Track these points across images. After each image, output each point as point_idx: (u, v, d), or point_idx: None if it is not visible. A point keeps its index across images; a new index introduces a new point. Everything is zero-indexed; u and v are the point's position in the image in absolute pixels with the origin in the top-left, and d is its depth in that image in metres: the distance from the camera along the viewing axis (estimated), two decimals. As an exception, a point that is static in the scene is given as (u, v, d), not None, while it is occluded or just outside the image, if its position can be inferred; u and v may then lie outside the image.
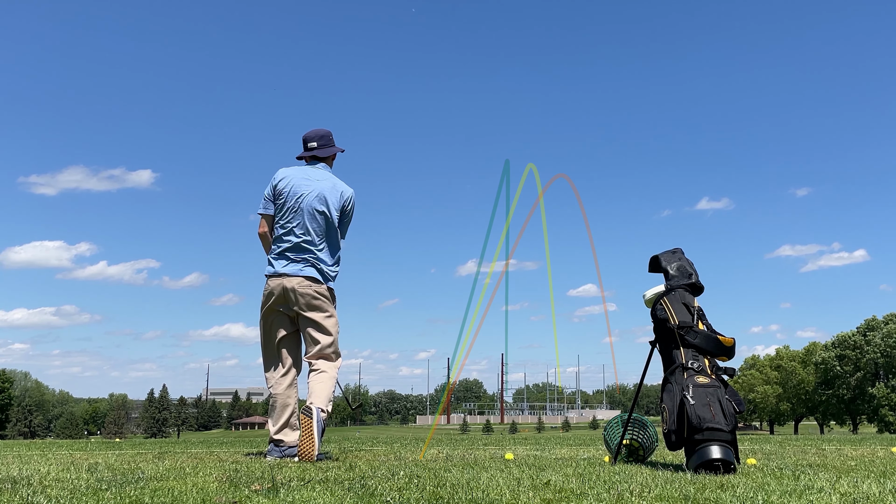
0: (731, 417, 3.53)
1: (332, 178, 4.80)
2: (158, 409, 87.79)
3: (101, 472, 3.65)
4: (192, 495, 2.62)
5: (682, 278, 3.97)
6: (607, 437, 4.47)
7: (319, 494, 2.62)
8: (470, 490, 2.70)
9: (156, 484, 2.98)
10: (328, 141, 4.88)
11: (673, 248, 4.12)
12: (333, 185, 4.76)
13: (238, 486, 2.92)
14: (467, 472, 3.39)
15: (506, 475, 3.25)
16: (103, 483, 3.02)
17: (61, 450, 6.97)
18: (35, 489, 2.80)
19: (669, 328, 3.82)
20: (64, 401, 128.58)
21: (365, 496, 2.59)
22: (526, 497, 2.53)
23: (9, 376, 76.76)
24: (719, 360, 3.80)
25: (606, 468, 3.66)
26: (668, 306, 3.89)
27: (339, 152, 4.95)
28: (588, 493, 2.62)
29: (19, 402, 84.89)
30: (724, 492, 2.64)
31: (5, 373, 75.72)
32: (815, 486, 2.81)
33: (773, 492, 2.64)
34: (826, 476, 3.29)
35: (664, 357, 3.88)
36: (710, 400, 3.55)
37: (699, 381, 3.63)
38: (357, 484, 2.93)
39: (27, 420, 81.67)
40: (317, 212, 4.67)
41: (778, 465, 4.03)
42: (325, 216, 4.68)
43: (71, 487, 2.87)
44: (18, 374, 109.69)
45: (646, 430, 4.35)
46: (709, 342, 3.76)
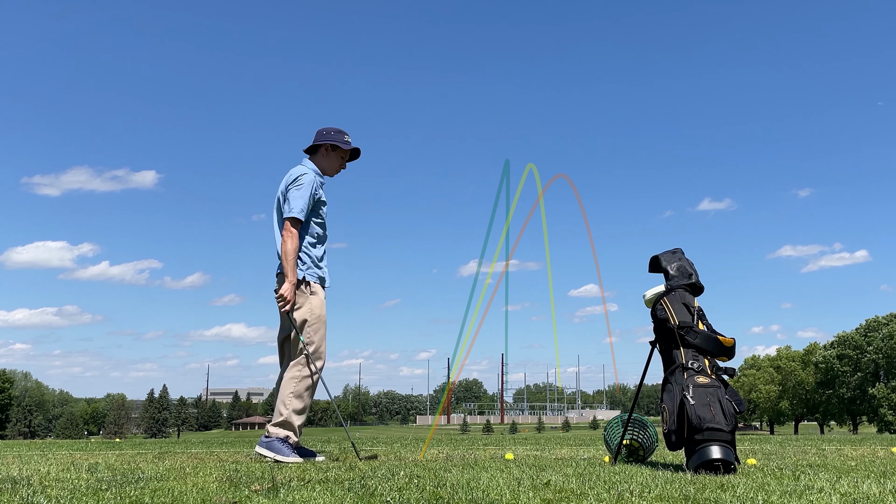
0: (732, 417, 3.53)
1: (293, 168, 4.79)
2: (158, 410, 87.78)
3: (101, 472, 3.65)
4: (192, 495, 2.62)
5: (682, 278, 3.97)
6: (607, 438, 4.47)
7: (319, 494, 2.61)
8: (470, 490, 2.70)
9: (156, 484, 2.97)
10: (317, 136, 4.86)
11: (673, 249, 4.12)
12: (290, 172, 4.77)
13: (238, 486, 2.92)
14: (467, 473, 3.39)
15: (506, 475, 3.24)
16: (103, 483, 3.02)
17: (61, 450, 6.97)
18: (35, 489, 2.80)
19: (669, 328, 3.82)
20: (64, 401, 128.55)
21: (365, 496, 2.59)
22: (526, 497, 2.53)
23: (9, 376, 76.77)
24: (719, 360, 3.80)
25: (606, 468, 3.66)
26: (668, 306, 3.88)
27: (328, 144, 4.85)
28: (588, 493, 2.62)
29: (19, 402, 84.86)
30: (724, 492, 2.63)
31: (6, 373, 75.76)
32: (815, 487, 2.81)
33: (774, 492, 2.64)
34: (826, 476, 3.29)
35: (664, 357, 3.87)
36: (710, 400, 3.55)
37: (699, 381, 3.63)
38: (357, 484, 2.93)
39: (27, 420, 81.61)
40: (275, 206, 4.77)
41: (778, 465, 4.03)
42: (278, 207, 4.74)
43: (71, 487, 2.87)
44: (18, 374, 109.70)
45: (646, 431, 4.35)
46: (709, 342, 3.76)
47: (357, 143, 4.97)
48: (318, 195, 4.75)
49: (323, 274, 4.76)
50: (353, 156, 5.03)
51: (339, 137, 4.87)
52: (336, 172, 4.96)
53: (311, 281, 4.65)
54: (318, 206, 4.76)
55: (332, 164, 4.90)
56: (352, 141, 4.95)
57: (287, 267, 4.54)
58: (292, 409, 4.52)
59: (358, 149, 4.99)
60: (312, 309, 4.62)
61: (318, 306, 4.64)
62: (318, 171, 4.84)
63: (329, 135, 4.86)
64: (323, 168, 4.87)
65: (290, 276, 4.53)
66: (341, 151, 4.91)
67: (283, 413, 4.52)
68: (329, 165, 4.89)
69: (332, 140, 4.84)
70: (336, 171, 4.95)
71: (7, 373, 77.04)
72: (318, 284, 4.70)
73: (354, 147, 4.97)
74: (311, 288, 4.65)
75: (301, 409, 4.54)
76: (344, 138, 4.89)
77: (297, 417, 4.53)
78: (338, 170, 4.95)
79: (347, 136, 4.92)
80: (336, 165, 4.92)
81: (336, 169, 4.94)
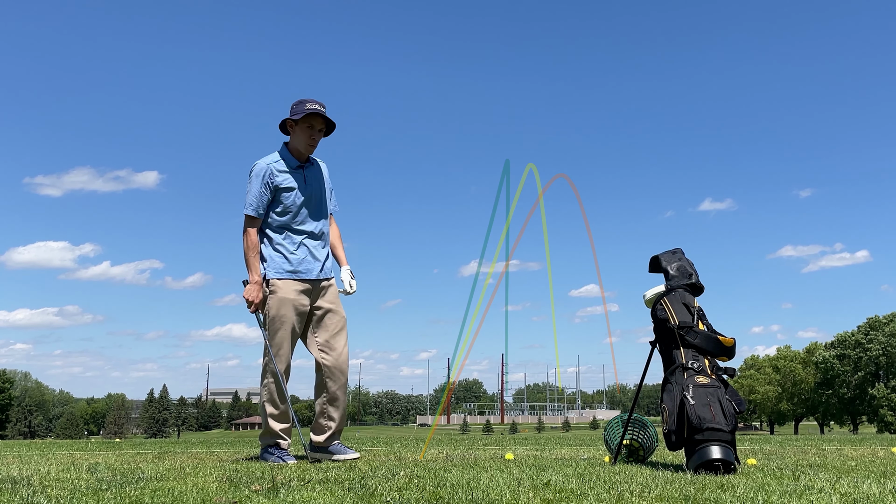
0: (732, 417, 3.53)
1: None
2: (158, 409, 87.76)
3: (101, 472, 3.65)
4: (192, 495, 2.62)
5: (683, 278, 3.97)
6: (607, 438, 4.46)
7: (319, 494, 2.61)
8: (470, 490, 2.69)
9: (156, 484, 2.97)
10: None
11: (673, 249, 4.11)
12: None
13: (238, 486, 2.92)
14: (467, 473, 3.39)
15: (506, 475, 3.24)
16: (103, 483, 3.02)
17: (61, 450, 6.96)
18: (35, 489, 2.80)
19: (669, 328, 3.82)
20: (64, 401, 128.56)
21: (365, 496, 2.59)
22: (526, 497, 2.52)
23: (9, 376, 76.76)
24: (719, 360, 3.80)
25: (606, 468, 3.66)
26: (668, 306, 3.88)
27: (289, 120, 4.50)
28: (588, 493, 2.62)
29: (19, 402, 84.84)
30: (724, 492, 2.63)
31: (6, 373, 75.76)
32: (815, 487, 2.81)
33: (773, 492, 2.64)
34: (826, 476, 3.29)
35: (664, 357, 3.87)
36: (710, 400, 3.55)
37: (699, 381, 3.62)
38: (357, 484, 2.93)
39: (27, 420, 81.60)
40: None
41: (778, 465, 4.03)
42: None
43: (71, 487, 2.87)
44: (19, 375, 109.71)
45: (646, 431, 4.35)
46: (709, 342, 3.76)
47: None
48: (276, 182, 4.42)
49: (295, 266, 4.46)
50: (329, 127, 4.57)
51: (298, 108, 4.45)
52: (309, 146, 4.53)
53: (271, 279, 4.43)
54: (278, 193, 4.44)
55: (300, 139, 4.50)
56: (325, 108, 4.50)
57: (247, 267, 4.44)
58: (269, 416, 4.46)
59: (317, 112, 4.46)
60: (269, 308, 4.42)
61: (275, 306, 4.40)
62: (287, 152, 4.52)
63: (290, 110, 4.50)
64: (296, 147, 4.51)
65: (250, 276, 4.43)
66: (303, 122, 4.46)
67: (265, 422, 4.49)
68: (298, 142, 4.50)
69: (290, 115, 4.48)
70: (308, 145, 4.52)
71: (7, 373, 76.99)
72: (284, 280, 4.43)
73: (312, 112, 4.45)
74: (272, 286, 4.43)
75: (276, 413, 4.46)
76: (302, 108, 4.44)
77: (276, 423, 4.46)
78: (309, 143, 4.51)
79: (309, 104, 4.46)
80: (304, 139, 4.49)
81: (306, 143, 4.50)
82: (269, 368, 4.43)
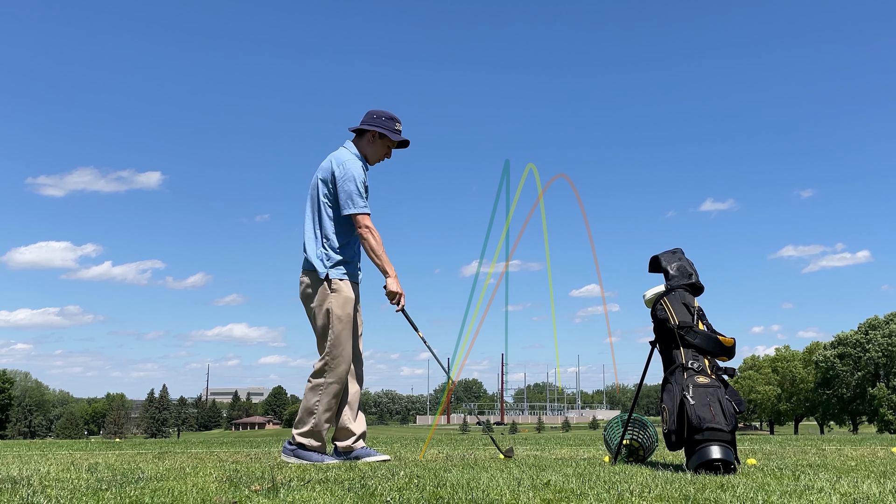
0: (732, 417, 3.53)
1: (337, 152, 4.48)
2: (158, 409, 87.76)
3: (101, 472, 3.65)
4: (192, 495, 2.62)
5: (682, 278, 3.97)
6: (607, 438, 4.46)
7: (319, 494, 2.61)
8: (470, 490, 2.69)
9: (156, 484, 2.97)
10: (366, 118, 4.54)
11: (673, 249, 4.11)
12: (330, 158, 4.46)
13: (238, 486, 2.92)
14: (467, 472, 3.38)
15: (506, 475, 3.24)
16: (103, 483, 3.02)
17: (61, 450, 6.97)
18: (35, 489, 2.79)
19: (669, 328, 3.82)
20: (64, 401, 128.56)
21: (365, 496, 2.59)
22: (526, 497, 2.52)
23: (9, 376, 76.74)
24: (719, 360, 3.80)
25: (606, 468, 3.66)
26: (668, 306, 3.88)
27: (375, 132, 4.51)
28: (588, 493, 2.62)
29: (19, 402, 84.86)
30: (724, 492, 2.63)
31: (6, 373, 75.72)
32: (815, 487, 2.81)
33: (773, 492, 2.64)
34: (826, 476, 3.29)
35: (664, 357, 3.87)
36: (710, 400, 3.55)
37: (699, 381, 3.62)
38: (357, 484, 2.93)
39: (27, 420, 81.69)
40: (310, 195, 4.52)
41: (778, 465, 4.03)
42: (313, 196, 4.48)
43: (71, 487, 2.87)
44: (19, 375, 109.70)
45: (646, 431, 4.35)
46: (709, 342, 3.76)
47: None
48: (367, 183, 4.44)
49: (353, 269, 4.47)
50: (400, 145, 4.65)
51: (390, 125, 4.52)
52: (377, 161, 4.58)
53: (334, 278, 4.37)
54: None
55: (377, 153, 4.54)
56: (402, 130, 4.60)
57: (382, 265, 4.38)
58: (322, 416, 4.36)
59: (407, 140, 4.62)
60: (332, 309, 4.35)
61: (339, 306, 4.35)
62: (360, 156, 4.50)
63: (379, 120, 4.52)
64: (366, 154, 4.52)
65: (388, 272, 4.38)
66: (388, 140, 4.54)
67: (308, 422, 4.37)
68: (373, 153, 4.54)
69: (380, 127, 4.50)
70: (378, 161, 4.59)
71: (7, 373, 77.01)
72: (344, 281, 4.39)
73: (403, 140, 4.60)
74: (332, 286, 4.37)
75: (329, 416, 4.38)
76: (395, 126, 4.54)
77: (326, 424, 4.39)
78: (381, 159, 4.59)
79: (399, 125, 4.56)
80: (380, 154, 4.56)
81: (379, 158, 4.57)
82: (332, 369, 4.35)
